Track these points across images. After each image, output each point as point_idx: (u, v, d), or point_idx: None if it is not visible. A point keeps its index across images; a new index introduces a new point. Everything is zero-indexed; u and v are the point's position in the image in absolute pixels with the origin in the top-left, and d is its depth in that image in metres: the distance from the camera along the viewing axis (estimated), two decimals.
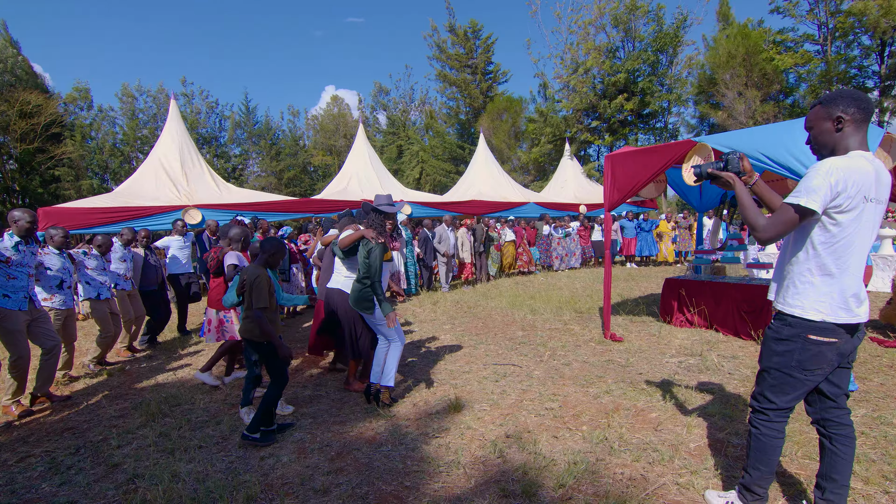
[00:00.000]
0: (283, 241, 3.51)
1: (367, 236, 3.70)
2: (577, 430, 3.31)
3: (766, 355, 2.12)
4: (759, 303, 5.64)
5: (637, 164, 5.32)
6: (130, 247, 6.11)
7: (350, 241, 3.78)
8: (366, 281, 3.66)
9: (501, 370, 4.65)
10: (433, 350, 5.53)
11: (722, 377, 4.25)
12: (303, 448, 3.21)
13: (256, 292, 3.17)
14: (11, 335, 4.00)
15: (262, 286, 3.19)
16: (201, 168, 12.17)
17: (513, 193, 17.07)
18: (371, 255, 3.63)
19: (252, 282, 3.18)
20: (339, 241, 3.91)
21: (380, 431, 3.41)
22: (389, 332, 3.84)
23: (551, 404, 3.76)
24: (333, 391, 4.32)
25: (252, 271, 3.26)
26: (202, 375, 4.52)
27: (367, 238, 3.70)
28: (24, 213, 4.16)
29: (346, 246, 3.81)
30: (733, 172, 2.23)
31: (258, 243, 4.47)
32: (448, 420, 3.54)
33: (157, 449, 3.31)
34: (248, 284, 3.20)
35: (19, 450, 3.43)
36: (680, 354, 4.98)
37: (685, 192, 6.96)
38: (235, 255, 4.28)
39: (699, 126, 24.84)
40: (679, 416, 3.48)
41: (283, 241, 3.47)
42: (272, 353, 3.28)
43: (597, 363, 4.78)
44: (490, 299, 8.88)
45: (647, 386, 4.06)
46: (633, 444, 3.07)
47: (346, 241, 3.81)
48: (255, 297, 3.16)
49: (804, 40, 19.62)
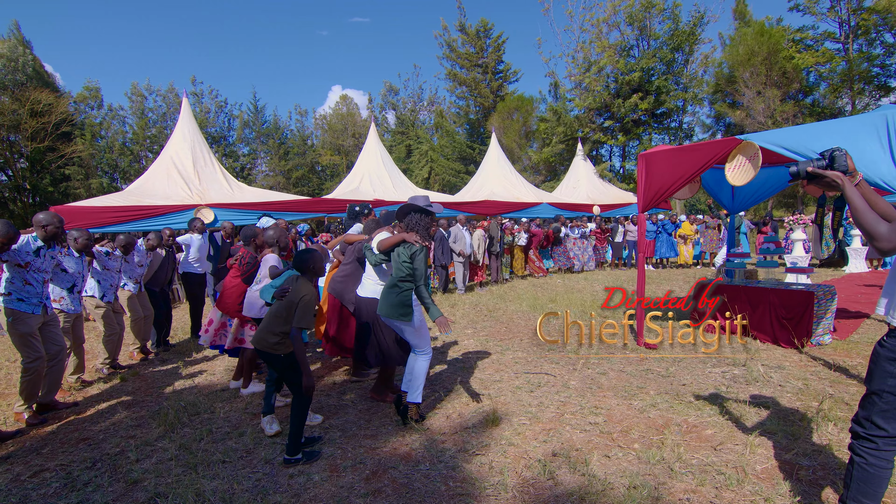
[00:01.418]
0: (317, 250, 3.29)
1: (409, 240, 3.47)
2: (628, 448, 3.06)
3: (877, 377, 1.87)
4: (800, 309, 5.37)
5: (675, 164, 5.06)
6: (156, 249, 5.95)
7: (391, 244, 3.56)
8: (403, 285, 3.44)
9: (535, 379, 4.41)
10: (458, 357, 5.30)
11: (773, 389, 3.99)
12: (335, 465, 2.98)
13: (305, 312, 2.93)
14: (24, 338, 3.83)
15: (312, 307, 2.97)
16: (213, 167, 12.00)
17: (526, 194, 16.80)
18: (416, 259, 3.41)
19: (300, 301, 2.93)
20: (379, 242, 3.68)
21: (415, 447, 3.19)
22: (419, 342, 3.61)
23: (595, 418, 3.52)
24: (360, 400, 4.10)
25: (302, 289, 2.99)
26: (247, 390, 4.31)
27: (410, 242, 3.47)
28: (52, 218, 3.97)
29: (387, 248, 3.59)
30: (840, 171, 1.96)
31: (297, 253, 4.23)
32: (486, 435, 3.31)
33: (178, 463, 3.10)
34: (298, 301, 2.94)
35: (32, 462, 3.23)
36: (722, 364, 4.72)
37: (717, 193, 6.69)
38: (274, 257, 4.06)
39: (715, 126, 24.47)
40: (737, 433, 3.23)
41: (317, 251, 3.24)
42: (290, 367, 3.03)
43: (634, 373, 4.53)
44: (509, 302, 8.64)
45: (695, 399, 3.81)
46: (693, 466, 2.82)
47: (387, 243, 3.58)
48: (300, 316, 2.92)
49: (824, 38, 19.20)
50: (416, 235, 3.49)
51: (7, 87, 23.68)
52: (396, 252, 3.54)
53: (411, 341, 3.61)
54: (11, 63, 24.28)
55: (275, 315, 3.02)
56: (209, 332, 4.40)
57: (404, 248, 3.46)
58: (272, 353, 2.99)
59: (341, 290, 4.42)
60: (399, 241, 3.52)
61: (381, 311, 3.56)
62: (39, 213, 4.00)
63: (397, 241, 3.54)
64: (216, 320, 4.33)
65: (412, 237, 3.46)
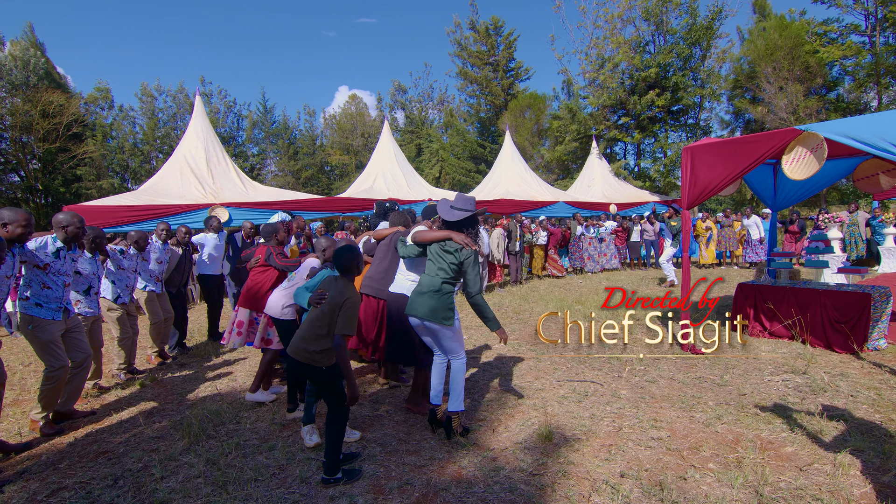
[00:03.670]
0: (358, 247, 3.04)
1: (455, 240, 3.20)
2: (703, 468, 2.76)
3: None
4: (855, 312, 5.04)
5: (724, 157, 4.74)
6: (169, 243, 5.70)
7: (431, 239, 3.29)
8: (446, 287, 3.17)
9: (581, 388, 4.11)
10: (492, 362, 5.02)
11: (844, 400, 3.67)
12: (379, 486, 2.71)
13: (350, 317, 2.66)
14: (46, 346, 3.59)
15: (357, 310, 2.70)
16: (227, 166, 11.80)
17: (542, 192, 16.47)
18: (467, 266, 3.17)
19: (343, 305, 2.66)
20: (415, 234, 3.41)
21: (464, 465, 2.90)
22: (456, 346, 3.34)
23: (657, 433, 3.22)
24: (395, 411, 3.82)
25: (344, 292, 2.71)
26: (254, 396, 4.06)
27: (457, 242, 3.20)
28: (72, 218, 3.73)
29: (424, 242, 3.32)
30: None
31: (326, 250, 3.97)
32: (540, 451, 3.03)
33: (206, 482, 2.84)
34: (342, 304, 2.67)
35: (49, 479, 2.99)
36: (779, 371, 4.40)
37: (759, 189, 6.35)
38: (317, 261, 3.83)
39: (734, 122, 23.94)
40: (820, 451, 2.91)
41: (358, 248, 2.98)
42: (331, 380, 2.76)
43: (686, 381, 4.22)
44: (533, 303, 8.34)
45: (762, 411, 3.50)
46: (784, 491, 2.51)
47: (426, 237, 3.31)
48: (344, 322, 2.65)
49: (849, 31, 18.64)
50: (465, 236, 3.22)
51: (19, 89, 23.71)
52: (437, 251, 3.27)
53: (448, 346, 3.34)
54: (24, 64, 24.32)
55: (315, 321, 2.74)
56: (241, 335, 4.16)
57: (455, 252, 3.19)
58: (314, 364, 2.71)
59: (380, 288, 4.15)
60: (442, 237, 3.25)
61: (419, 313, 3.26)
62: (59, 213, 3.76)
63: (440, 238, 3.27)
64: (245, 320, 4.08)
65: (460, 237, 3.19)
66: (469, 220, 3.33)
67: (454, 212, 3.34)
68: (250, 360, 5.45)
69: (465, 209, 3.35)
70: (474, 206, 3.41)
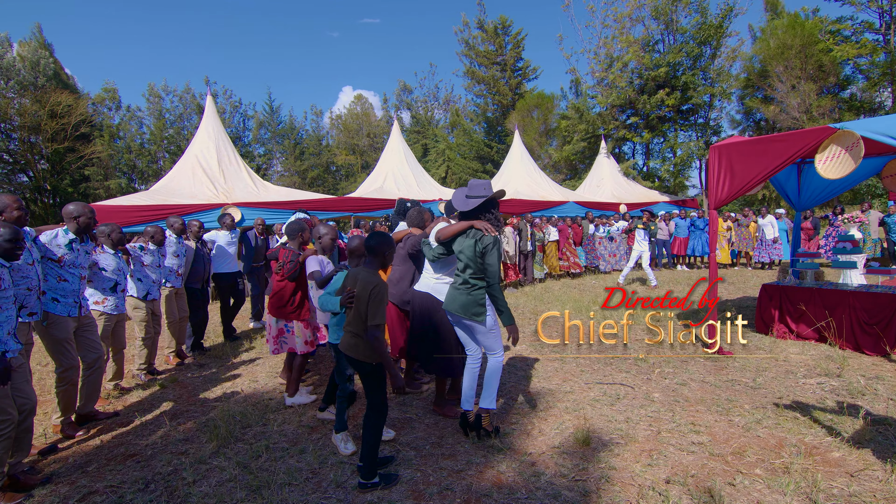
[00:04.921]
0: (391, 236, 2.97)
1: (477, 226, 3.12)
2: (751, 474, 2.68)
3: None
4: (886, 313, 4.93)
5: (755, 156, 4.65)
6: (183, 238, 5.65)
7: (453, 232, 3.22)
8: (475, 282, 3.10)
9: (612, 391, 4.03)
10: (517, 365, 4.94)
11: (885, 405, 3.57)
12: (418, 491, 2.65)
13: (376, 307, 2.59)
14: (60, 344, 3.54)
15: (383, 299, 2.63)
16: (238, 165, 11.77)
17: (552, 192, 16.38)
18: (487, 255, 3.06)
19: (371, 293, 2.59)
20: (438, 232, 3.34)
21: (503, 470, 2.84)
22: (492, 343, 3.26)
23: (697, 437, 3.14)
24: (425, 414, 3.76)
25: (370, 280, 2.65)
26: (293, 399, 3.99)
27: (479, 229, 3.12)
28: (83, 208, 3.67)
29: (448, 237, 3.25)
30: None
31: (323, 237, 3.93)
32: (579, 456, 2.95)
33: (239, 486, 2.79)
34: (367, 296, 2.60)
35: (79, 483, 2.94)
36: (812, 374, 4.31)
37: (783, 186, 6.25)
38: (318, 259, 3.75)
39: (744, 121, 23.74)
40: (868, 456, 2.83)
41: (391, 237, 2.91)
42: (377, 376, 2.72)
43: (718, 383, 4.14)
44: (548, 304, 8.26)
45: (801, 415, 3.42)
46: (837, 497, 2.44)
47: (448, 232, 3.24)
48: (372, 312, 2.58)
49: (863, 29, 18.45)
50: (484, 222, 3.13)
51: (28, 89, 23.82)
52: (463, 245, 3.18)
53: (483, 343, 3.28)
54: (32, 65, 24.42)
55: (354, 321, 2.70)
56: (269, 342, 4.11)
57: (477, 242, 3.10)
58: (365, 361, 2.68)
59: (399, 294, 4.09)
60: (464, 228, 3.17)
61: (451, 309, 3.22)
62: (69, 204, 3.69)
63: (461, 229, 3.19)
64: (273, 327, 4.02)
65: (481, 224, 3.11)
66: (486, 204, 3.22)
67: (469, 201, 3.25)
68: (269, 360, 5.40)
69: (479, 195, 3.24)
70: (490, 189, 3.26)
